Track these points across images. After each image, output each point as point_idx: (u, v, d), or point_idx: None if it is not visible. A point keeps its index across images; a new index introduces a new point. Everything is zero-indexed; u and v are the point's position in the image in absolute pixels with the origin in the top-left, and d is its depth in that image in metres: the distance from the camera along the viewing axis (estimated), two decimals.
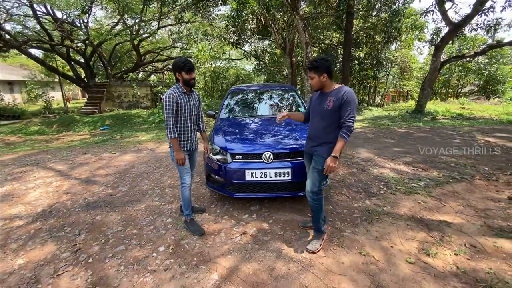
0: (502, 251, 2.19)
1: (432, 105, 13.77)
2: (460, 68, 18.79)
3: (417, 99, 11.98)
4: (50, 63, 16.38)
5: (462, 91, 20.25)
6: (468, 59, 16.03)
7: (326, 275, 1.99)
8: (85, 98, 18.02)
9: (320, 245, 2.30)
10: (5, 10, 11.96)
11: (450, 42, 11.35)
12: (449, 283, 1.88)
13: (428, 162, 4.51)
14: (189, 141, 2.56)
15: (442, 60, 11.03)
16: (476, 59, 17.49)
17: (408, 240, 2.39)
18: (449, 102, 15.85)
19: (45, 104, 15.11)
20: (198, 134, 2.80)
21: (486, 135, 6.55)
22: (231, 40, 13.48)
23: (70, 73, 16.64)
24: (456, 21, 9.72)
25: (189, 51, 19.13)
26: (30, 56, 14.46)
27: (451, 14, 10.13)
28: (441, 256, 2.16)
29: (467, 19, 9.44)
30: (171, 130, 2.36)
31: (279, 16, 12.25)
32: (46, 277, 2.04)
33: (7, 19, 12.07)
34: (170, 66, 19.19)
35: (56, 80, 20.87)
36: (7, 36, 12.78)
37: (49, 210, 3.13)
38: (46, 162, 5.25)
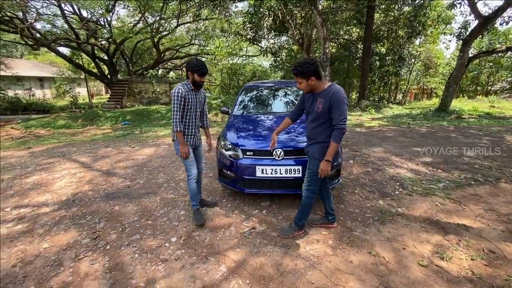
0: None
1: (458, 103, 13.05)
2: (491, 64, 17.63)
3: (441, 97, 11.41)
4: (77, 61, 17.23)
5: (492, 89, 19.01)
6: (500, 54, 14.99)
7: (333, 273, 1.98)
8: (108, 94, 18.81)
9: (292, 235, 2.41)
10: (35, 10, 12.68)
11: (480, 36, 10.65)
12: None
13: (450, 163, 4.31)
14: (192, 136, 2.65)
15: (470, 55, 10.40)
16: (509, 54, 16.31)
17: (421, 243, 2.32)
18: (477, 100, 14.94)
19: (72, 100, 15.96)
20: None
21: None
22: (248, 37, 13.48)
23: (95, 70, 17.42)
24: (486, 14, 9.11)
25: (207, 48, 19.38)
26: (58, 54, 15.29)
27: (480, 7, 9.50)
28: (456, 260, 2.08)
29: (498, 11, 8.81)
30: (178, 123, 2.46)
31: (297, 12, 12.08)
32: (68, 260, 2.20)
33: (37, 18, 12.80)
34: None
35: (82, 76, 21.94)
36: (38, 35, 13.58)
37: (73, 199, 3.34)
38: (71, 154, 5.58)
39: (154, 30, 15.77)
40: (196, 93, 2.58)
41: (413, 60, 17.04)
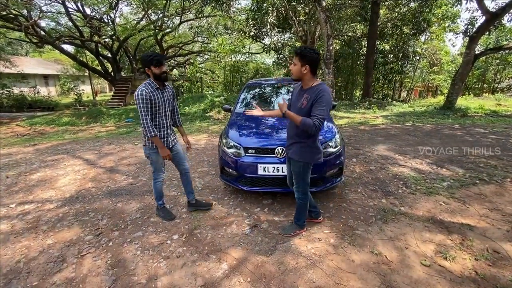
0: None
1: (463, 101, 12.89)
2: (498, 61, 17.34)
3: (446, 94, 11.27)
4: (81, 58, 17.36)
5: (499, 86, 18.73)
6: (507, 51, 14.73)
7: (334, 272, 1.97)
8: (112, 92, 18.92)
9: (293, 233, 2.40)
10: (39, 7, 12.75)
11: (487, 33, 10.46)
12: None
13: (454, 161, 4.26)
14: (166, 138, 2.49)
15: (477, 52, 10.24)
16: None
17: (424, 242, 2.30)
18: (484, 98, 14.73)
19: (76, 97, 16.12)
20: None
21: None
22: (251, 34, 13.41)
23: (99, 68, 17.52)
24: (494, 10, 8.94)
25: (210, 45, 19.34)
26: (63, 51, 15.40)
27: (487, 3, 9.33)
28: (460, 260, 2.06)
29: (506, 7, 8.65)
30: (150, 129, 2.27)
31: (300, 8, 11.97)
32: (71, 257, 2.22)
33: (41, 16, 12.87)
34: (192, 61, 19.64)
35: (86, 74, 22.10)
36: (42, 33, 13.67)
37: (76, 196, 3.37)
38: (76, 151, 5.62)
39: (157, 28, 15.79)
40: (163, 91, 2.39)
41: (417, 57, 16.82)
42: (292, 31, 13.43)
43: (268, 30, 13.19)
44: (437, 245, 2.25)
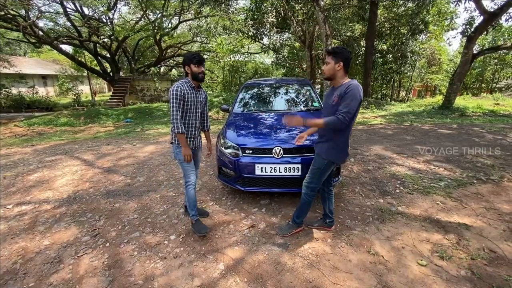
0: None
1: (462, 101, 12.93)
2: (496, 61, 17.40)
3: (445, 94, 11.29)
4: (79, 58, 17.29)
5: (497, 86, 18.78)
6: (504, 51, 14.78)
7: (331, 272, 1.98)
8: (111, 92, 18.88)
9: (290, 233, 2.41)
10: (37, 7, 12.71)
11: (484, 33, 10.50)
12: None
13: (452, 161, 4.27)
14: (192, 139, 2.45)
15: (474, 52, 10.26)
16: None
17: (421, 242, 2.30)
18: (482, 98, 14.78)
19: (75, 97, 16.07)
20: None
21: None
22: (250, 34, 13.41)
23: (97, 68, 17.47)
24: (492, 10, 8.97)
25: (209, 45, 19.33)
26: (61, 51, 15.34)
27: (485, 2, 9.36)
28: (456, 259, 2.07)
29: (504, 7, 8.68)
30: (179, 125, 2.25)
31: (299, 8, 11.98)
32: (68, 257, 2.21)
33: (39, 16, 12.83)
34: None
35: (85, 74, 22.03)
36: (40, 33, 13.62)
37: (74, 197, 3.36)
38: (74, 152, 5.61)
39: (156, 28, 15.77)
40: (197, 92, 2.39)
41: (416, 57, 16.85)
42: (290, 31, 13.42)
43: (267, 30, 13.20)
44: (434, 244, 2.26)
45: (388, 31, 13.00)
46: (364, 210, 2.84)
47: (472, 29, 9.86)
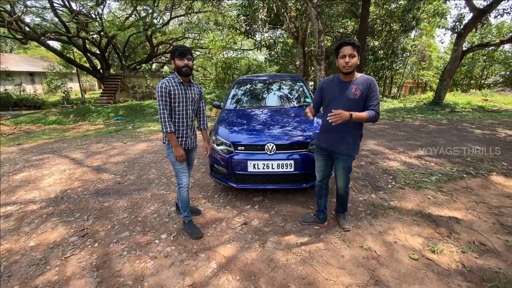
0: None
1: (451, 97, 13.14)
2: (485, 57, 17.72)
3: (435, 90, 11.45)
4: (68, 55, 16.86)
5: (485, 82, 19.15)
6: (493, 47, 15.06)
7: (324, 268, 1.97)
8: (101, 89, 18.50)
9: (350, 224, 2.47)
10: (23, 2, 12.30)
11: (474, 29, 10.66)
12: (453, 281, 1.81)
13: (442, 156, 4.32)
14: (184, 138, 2.30)
15: (464, 49, 10.41)
16: (502, 48, 16.41)
17: (413, 236, 2.32)
18: (471, 94, 15.06)
19: (64, 95, 15.65)
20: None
21: (509, 129, 6.19)
22: (242, 30, 13.29)
23: (87, 65, 17.08)
24: (481, 7, 9.10)
25: (201, 42, 19.10)
26: (49, 48, 14.92)
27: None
28: (447, 253, 2.08)
29: (493, 4, 8.81)
30: (166, 124, 2.13)
31: (291, 4, 11.91)
32: (55, 259, 2.14)
33: (25, 11, 12.43)
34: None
35: (74, 71, 21.50)
36: (27, 28, 13.20)
37: (61, 196, 3.27)
38: (62, 150, 5.46)
39: (147, 24, 15.47)
40: (187, 88, 2.21)
41: (407, 54, 17.01)
42: (283, 28, 13.35)
43: (260, 27, 13.08)
44: (425, 238, 2.27)
45: (380, 28, 13.05)
46: (356, 206, 2.84)
47: (462, 26, 9.99)
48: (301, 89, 4.16)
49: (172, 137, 2.18)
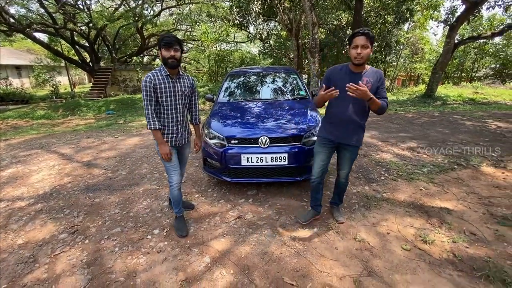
0: (503, 240, 2.12)
1: (443, 90, 13.28)
2: (476, 50, 17.91)
3: (427, 83, 11.54)
4: (55, 47, 16.32)
5: (476, 75, 19.40)
6: (484, 40, 15.21)
7: (318, 260, 1.97)
8: (91, 83, 18.05)
9: (344, 216, 2.49)
10: None
11: (466, 22, 10.71)
12: (444, 270, 1.83)
13: (434, 148, 4.37)
14: (174, 135, 2.17)
15: (456, 41, 10.47)
16: (493, 41, 16.58)
17: (405, 227, 2.34)
18: (462, 87, 15.25)
19: (53, 89, 15.23)
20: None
21: (498, 121, 6.29)
22: (235, 22, 13.06)
23: (75, 57, 16.61)
24: None
25: (193, 34, 18.74)
26: (35, 40, 14.41)
27: None
28: (439, 243, 2.11)
29: None
30: (151, 120, 2.02)
31: None
32: (44, 257, 2.09)
33: (8, 1, 11.93)
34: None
35: (62, 64, 20.87)
36: (11, 20, 12.70)
37: (50, 192, 3.19)
38: (51, 145, 5.33)
39: (137, 15, 15.05)
40: (175, 80, 2.07)
41: (400, 46, 17.04)
42: (277, 19, 13.17)
43: (253, 18, 12.88)
44: (417, 229, 2.30)
45: (374, 20, 12.98)
46: (350, 198, 2.85)
47: (454, 18, 10.02)
48: (295, 81, 4.12)
49: (156, 134, 2.08)
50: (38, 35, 15.45)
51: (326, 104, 2.18)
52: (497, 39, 16.77)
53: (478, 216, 2.45)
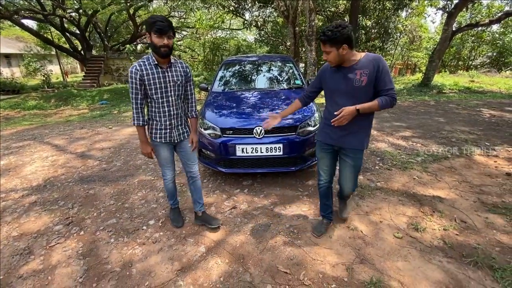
0: (492, 227, 2.17)
1: (440, 78, 13.25)
2: (473, 38, 17.78)
3: (424, 72, 11.50)
4: (45, 35, 15.83)
5: (473, 63, 19.35)
6: (482, 28, 15.09)
7: (312, 249, 2.00)
8: (84, 72, 17.66)
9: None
10: None
11: (464, 9, 10.57)
12: (434, 257, 1.88)
13: (428, 137, 4.40)
14: (168, 130, 1.97)
15: (454, 29, 10.37)
16: (491, 28, 16.45)
17: (398, 215, 2.38)
18: (458, 75, 15.22)
19: (44, 78, 14.87)
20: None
21: (493, 109, 6.33)
22: (231, 8, 12.74)
23: (66, 45, 16.15)
24: None
25: (188, 21, 18.26)
26: (23, 27, 13.93)
27: None
28: (430, 231, 2.15)
29: None
30: (134, 115, 1.87)
31: None
32: (39, 248, 2.10)
33: None
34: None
35: (53, 53, 20.32)
36: None
37: (44, 184, 3.16)
38: (44, 136, 5.25)
39: (129, 1, 14.56)
40: (165, 70, 1.84)
41: (398, 34, 16.85)
42: (273, 6, 12.86)
43: (249, 5, 12.57)
44: (410, 217, 2.34)
45: (372, 6, 12.77)
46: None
47: (453, 5, 9.88)
48: (290, 70, 4.07)
49: (139, 130, 1.92)
50: (27, 22, 14.95)
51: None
52: (494, 27, 16.68)
53: (469, 204, 2.50)
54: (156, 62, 1.80)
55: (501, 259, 1.83)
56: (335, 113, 1.71)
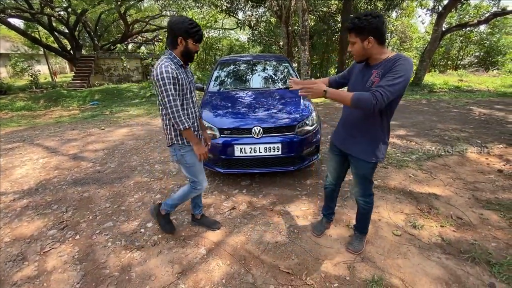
0: (487, 223, 2.22)
1: (430, 77, 13.52)
2: (462, 38, 18.19)
3: (415, 71, 11.70)
4: (33, 34, 15.41)
5: (461, 63, 19.78)
6: (470, 28, 15.45)
7: (313, 248, 2.01)
8: (73, 72, 17.27)
9: (363, 246, 1.97)
10: None
11: (454, 9, 10.80)
12: (433, 254, 1.91)
13: (422, 135, 4.47)
14: (195, 133, 1.89)
15: (443, 29, 10.58)
16: (478, 29, 16.87)
17: (396, 213, 2.40)
18: (448, 74, 15.57)
19: (32, 79, 14.48)
20: None
21: (482, 107, 6.48)
22: (223, 8, 12.67)
23: (55, 45, 15.76)
24: None
25: None
26: (9, 26, 13.51)
27: None
28: (427, 228, 2.19)
29: None
30: (182, 118, 1.70)
31: None
32: (33, 254, 2.03)
33: None
34: (161, 37, 18.24)
35: (41, 52, 19.79)
36: None
37: (36, 187, 3.07)
38: (33, 138, 5.11)
39: (119, 0, 14.31)
40: (186, 71, 1.81)
41: (389, 34, 17.11)
42: (266, 5, 12.86)
43: (242, 4, 12.53)
44: (407, 215, 2.37)
45: (364, 7, 12.91)
46: (342, 186, 2.86)
47: (442, 6, 10.08)
48: (286, 70, 4.07)
49: (190, 133, 1.78)
50: (13, 20, 14.51)
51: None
52: (482, 27, 17.08)
53: (464, 201, 2.54)
54: (181, 63, 1.75)
55: (497, 254, 1.87)
56: (312, 79, 1.57)
